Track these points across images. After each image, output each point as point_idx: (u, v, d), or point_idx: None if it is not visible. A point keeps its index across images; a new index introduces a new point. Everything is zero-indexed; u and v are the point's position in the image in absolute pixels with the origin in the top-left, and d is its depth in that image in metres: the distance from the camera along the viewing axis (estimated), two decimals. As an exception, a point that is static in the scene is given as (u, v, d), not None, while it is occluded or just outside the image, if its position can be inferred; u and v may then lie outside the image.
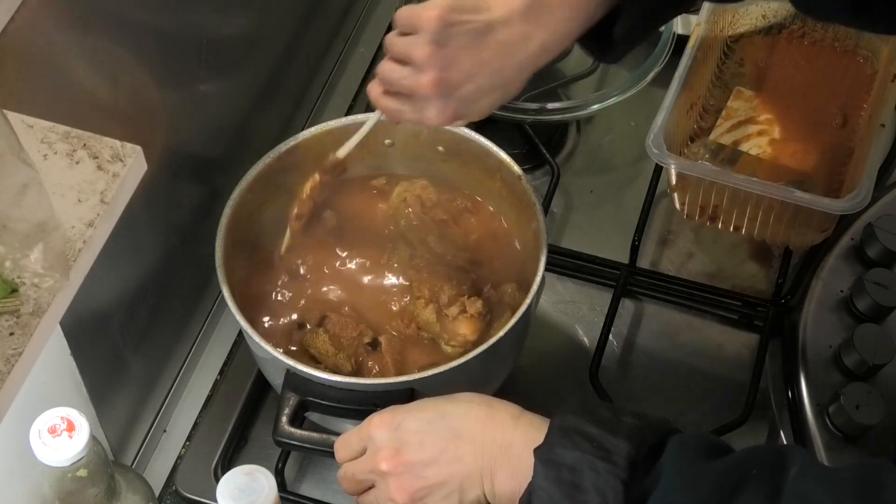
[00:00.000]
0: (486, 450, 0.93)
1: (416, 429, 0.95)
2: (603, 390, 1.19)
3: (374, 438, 0.96)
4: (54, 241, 0.82)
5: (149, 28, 1.03)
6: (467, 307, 1.10)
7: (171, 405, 1.23)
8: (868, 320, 1.21)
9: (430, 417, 0.96)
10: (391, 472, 0.95)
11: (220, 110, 1.22)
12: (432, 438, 0.94)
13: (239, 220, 1.13)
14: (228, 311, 1.08)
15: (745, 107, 1.33)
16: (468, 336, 1.10)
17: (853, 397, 1.14)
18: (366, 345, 1.10)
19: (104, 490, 0.91)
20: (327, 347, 1.10)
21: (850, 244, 1.27)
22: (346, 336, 1.10)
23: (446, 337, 1.11)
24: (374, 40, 1.52)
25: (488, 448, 0.93)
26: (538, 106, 1.35)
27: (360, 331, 1.11)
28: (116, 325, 1.09)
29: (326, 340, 1.10)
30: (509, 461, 0.92)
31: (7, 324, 0.82)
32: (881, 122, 1.23)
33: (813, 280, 1.25)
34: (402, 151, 1.21)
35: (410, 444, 0.95)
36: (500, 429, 0.94)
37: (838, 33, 1.35)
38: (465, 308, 1.10)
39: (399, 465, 0.94)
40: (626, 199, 1.37)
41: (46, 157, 0.90)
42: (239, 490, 0.91)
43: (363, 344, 1.10)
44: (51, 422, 0.86)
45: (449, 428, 0.95)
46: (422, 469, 0.94)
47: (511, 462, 0.92)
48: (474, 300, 1.11)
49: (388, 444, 0.95)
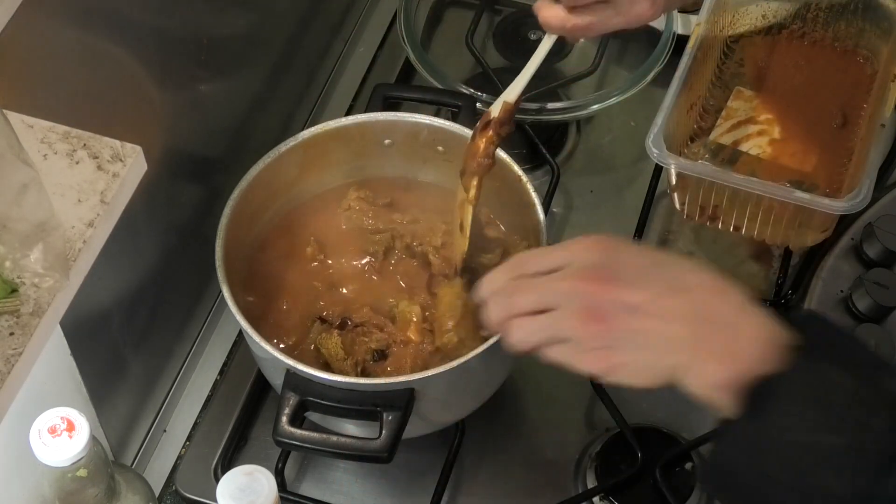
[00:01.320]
0: (706, 320, 0.81)
1: (635, 265, 0.84)
2: (603, 390, 1.19)
3: (582, 259, 0.85)
4: (54, 241, 0.82)
5: (149, 28, 1.03)
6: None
7: (171, 405, 1.23)
8: (868, 320, 1.21)
9: (654, 261, 0.85)
10: (592, 293, 0.83)
11: (220, 110, 1.22)
12: (649, 283, 0.83)
13: (239, 220, 1.13)
14: (228, 311, 1.08)
15: (745, 107, 1.33)
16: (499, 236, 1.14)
17: (853, 397, 1.14)
18: (374, 351, 1.10)
19: (104, 490, 0.91)
20: (338, 350, 1.09)
21: (850, 244, 1.27)
22: (360, 343, 1.10)
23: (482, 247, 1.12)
24: (374, 40, 1.52)
25: (709, 319, 0.81)
26: (538, 106, 1.35)
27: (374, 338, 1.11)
28: (116, 325, 1.09)
29: (338, 343, 1.10)
30: (730, 343, 0.80)
31: (7, 324, 0.82)
32: (881, 122, 1.23)
33: (813, 280, 1.25)
34: (402, 151, 1.21)
35: (624, 278, 0.83)
36: (728, 305, 0.82)
37: (838, 33, 1.35)
38: None
39: (604, 291, 0.82)
40: (626, 199, 1.37)
41: (46, 157, 0.90)
42: (239, 490, 0.91)
43: (371, 350, 1.10)
44: (51, 422, 0.86)
45: (671, 279, 0.83)
46: (626, 310, 0.82)
47: (732, 345, 0.80)
48: None
49: (598, 266, 0.83)
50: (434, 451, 1.17)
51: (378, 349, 1.10)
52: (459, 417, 1.17)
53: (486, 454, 1.19)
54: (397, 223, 1.19)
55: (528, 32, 1.47)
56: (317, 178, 1.21)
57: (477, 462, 1.18)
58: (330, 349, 1.10)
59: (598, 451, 1.17)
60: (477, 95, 1.32)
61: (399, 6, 1.43)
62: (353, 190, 1.21)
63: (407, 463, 1.17)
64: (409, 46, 1.39)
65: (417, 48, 1.39)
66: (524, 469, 1.19)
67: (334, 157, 1.20)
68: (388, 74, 1.47)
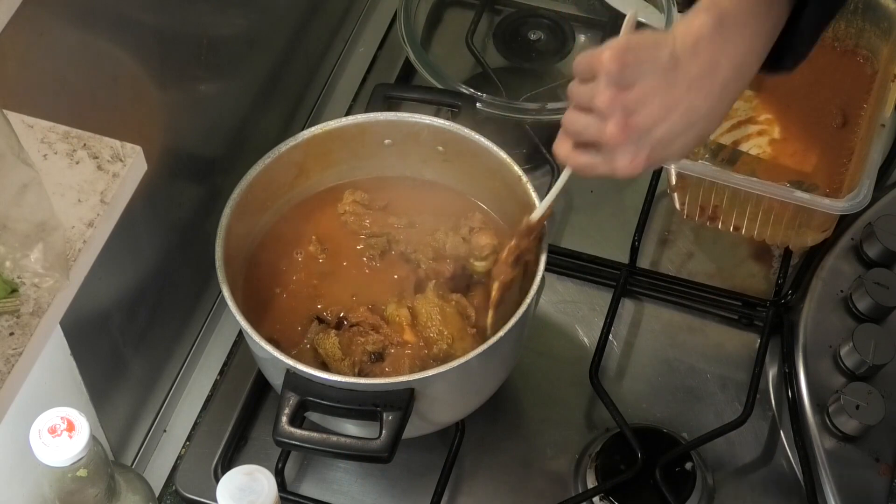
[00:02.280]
0: None
1: None
2: (603, 390, 1.19)
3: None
4: (54, 241, 0.82)
5: (149, 28, 1.03)
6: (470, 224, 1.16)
7: (171, 405, 1.23)
8: (868, 320, 1.21)
9: None
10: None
11: (220, 110, 1.22)
12: None
13: (239, 220, 1.13)
14: (228, 311, 1.08)
15: (745, 107, 1.33)
16: (492, 242, 1.14)
17: (853, 397, 1.14)
18: (370, 353, 1.10)
19: (104, 490, 0.91)
20: (335, 350, 1.09)
21: (850, 244, 1.27)
22: (357, 344, 1.10)
23: (476, 254, 1.14)
24: (374, 40, 1.52)
25: None
26: (538, 106, 1.35)
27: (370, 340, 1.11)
28: (116, 325, 1.09)
29: (336, 344, 1.10)
30: None
31: (7, 324, 0.82)
32: (881, 122, 1.23)
33: (813, 280, 1.25)
34: (401, 151, 1.21)
35: None
36: None
37: (838, 33, 1.35)
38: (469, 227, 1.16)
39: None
40: (626, 199, 1.37)
41: (46, 157, 0.90)
42: (239, 490, 0.91)
43: (367, 352, 1.10)
44: (51, 422, 0.86)
45: None
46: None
47: None
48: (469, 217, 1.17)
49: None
50: (434, 451, 1.17)
51: (375, 351, 1.10)
52: (459, 417, 1.17)
53: (485, 454, 1.19)
54: (393, 228, 1.19)
55: (528, 32, 1.47)
56: (317, 178, 1.21)
57: (477, 462, 1.18)
58: (327, 349, 1.10)
59: (598, 451, 1.17)
60: (477, 95, 1.32)
61: (399, 6, 1.43)
62: (349, 193, 1.21)
63: (407, 463, 1.17)
64: (409, 46, 1.39)
65: (417, 48, 1.39)
66: (524, 469, 1.19)
67: (334, 157, 1.20)
68: (388, 74, 1.47)
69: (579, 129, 0.92)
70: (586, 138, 0.92)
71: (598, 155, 0.92)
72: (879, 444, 1.15)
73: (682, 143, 0.91)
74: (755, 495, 1.17)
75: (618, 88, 0.87)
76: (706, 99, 0.89)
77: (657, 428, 1.19)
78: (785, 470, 1.18)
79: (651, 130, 0.89)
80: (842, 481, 1.14)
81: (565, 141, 0.94)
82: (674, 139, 0.90)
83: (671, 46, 0.88)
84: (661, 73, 0.87)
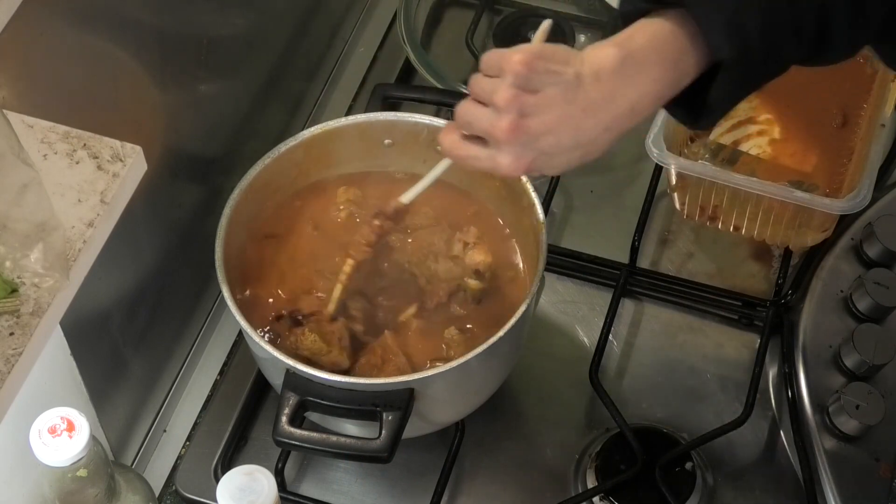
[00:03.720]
0: None
1: None
2: (603, 390, 1.19)
3: None
4: (54, 241, 0.82)
5: (149, 28, 1.03)
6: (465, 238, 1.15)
7: (171, 405, 1.23)
8: (868, 320, 1.21)
9: None
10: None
11: (220, 110, 1.22)
12: None
13: (239, 220, 1.13)
14: (228, 311, 1.08)
15: (744, 107, 1.33)
16: (486, 259, 1.14)
17: (853, 397, 1.14)
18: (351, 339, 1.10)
19: (104, 490, 0.91)
20: (319, 346, 1.09)
21: (850, 244, 1.27)
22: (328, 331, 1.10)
23: (470, 272, 1.14)
24: (374, 40, 1.52)
25: None
26: (538, 106, 1.35)
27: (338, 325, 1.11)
28: (116, 325, 1.09)
29: (316, 339, 1.09)
30: None
31: (7, 324, 0.82)
32: (881, 122, 1.23)
33: (813, 280, 1.25)
34: (401, 151, 1.21)
35: None
36: None
37: (838, 33, 1.35)
38: (464, 242, 1.15)
39: None
40: (626, 199, 1.37)
41: (46, 157, 0.90)
42: (239, 490, 0.91)
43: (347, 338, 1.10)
44: (51, 422, 0.86)
45: None
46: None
47: None
48: (465, 231, 1.16)
49: None
50: (434, 451, 1.17)
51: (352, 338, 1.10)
52: (459, 417, 1.17)
53: (485, 454, 1.19)
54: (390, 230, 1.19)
55: (528, 32, 1.47)
56: (317, 179, 1.21)
57: (477, 462, 1.19)
58: (311, 347, 1.09)
59: (598, 451, 1.17)
60: (477, 95, 1.32)
61: (399, 6, 1.43)
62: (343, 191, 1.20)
63: (407, 463, 1.17)
64: (409, 46, 1.39)
65: (417, 48, 1.39)
66: (524, 469, 1.19)
67: (334, 157, 1.20)
68: (388, 74, 1.47)
69: (472, 120, 0.93)
70: (476, 130, 0.93)
71: (484, 149, 0.93)
72: (879, 444, 1.15)
73: (564, 159, 0.93)
74: (755, 495, 1.17)
75: (520, 90, 0.89)
76: (596, 126, 0.91)
77: (657, 428, 1.19)
78: (785, 470, 1.18)
79: (540, 138, 0.91)
80: (842, 481, 1.14)
81: (453, 131, 0.96)
82: (558, 153, 0.92)
83: (578, 67, 0.90)
84: (564, 87, 0.89)
